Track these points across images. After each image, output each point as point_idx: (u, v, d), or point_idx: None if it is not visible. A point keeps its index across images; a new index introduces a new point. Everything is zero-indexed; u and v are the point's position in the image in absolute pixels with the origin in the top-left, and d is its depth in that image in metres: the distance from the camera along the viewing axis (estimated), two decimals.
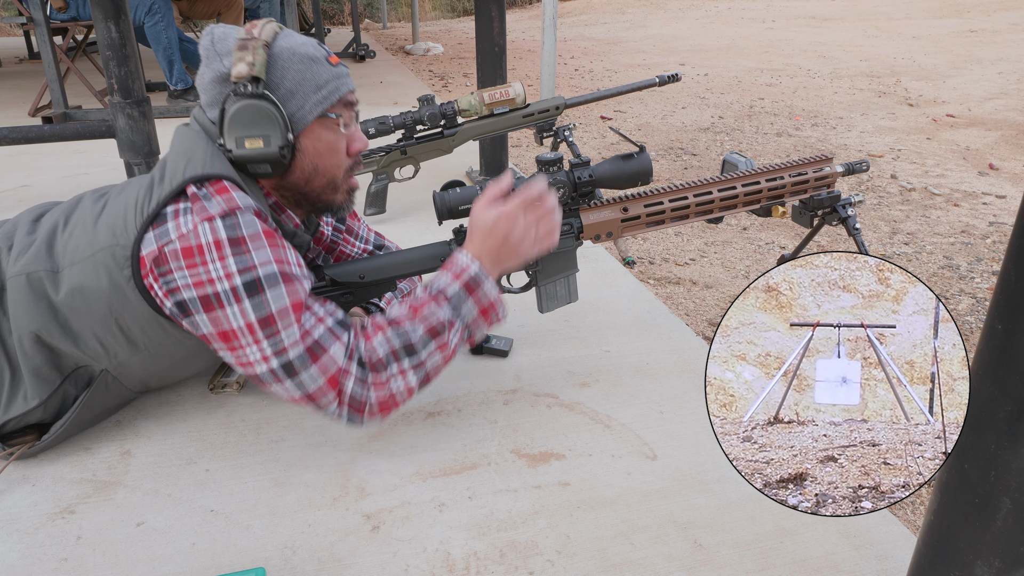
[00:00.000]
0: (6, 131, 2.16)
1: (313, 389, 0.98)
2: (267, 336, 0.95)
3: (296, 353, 0.96)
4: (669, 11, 10.66)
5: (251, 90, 0.98)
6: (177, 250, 0.94)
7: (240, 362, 0.98)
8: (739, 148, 3.65)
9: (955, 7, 9.21)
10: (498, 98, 1.93)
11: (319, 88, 1.04)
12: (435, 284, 1.06)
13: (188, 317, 0.97)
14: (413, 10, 7.66)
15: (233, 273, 0.94)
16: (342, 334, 1.00)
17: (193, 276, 0.94)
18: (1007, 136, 3.89)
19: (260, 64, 0.98)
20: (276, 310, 0.95)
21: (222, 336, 0.97)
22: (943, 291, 2.15)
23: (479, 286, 1.06)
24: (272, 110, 0.99)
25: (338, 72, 1.07)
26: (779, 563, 0.91)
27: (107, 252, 0.98)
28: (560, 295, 1.28)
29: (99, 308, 1.00)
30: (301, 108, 1.03)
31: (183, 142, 1.03)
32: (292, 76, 1.02)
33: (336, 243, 1.36)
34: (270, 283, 0.95)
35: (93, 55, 4.89)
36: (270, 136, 1.00)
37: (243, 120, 0.99)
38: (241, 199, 0.97)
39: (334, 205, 1.14)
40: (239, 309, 0.94)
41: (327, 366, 0.97)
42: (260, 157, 1.01)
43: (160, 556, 0.92)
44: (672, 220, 1.23)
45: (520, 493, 1.03)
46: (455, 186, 1.17)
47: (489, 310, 1.08)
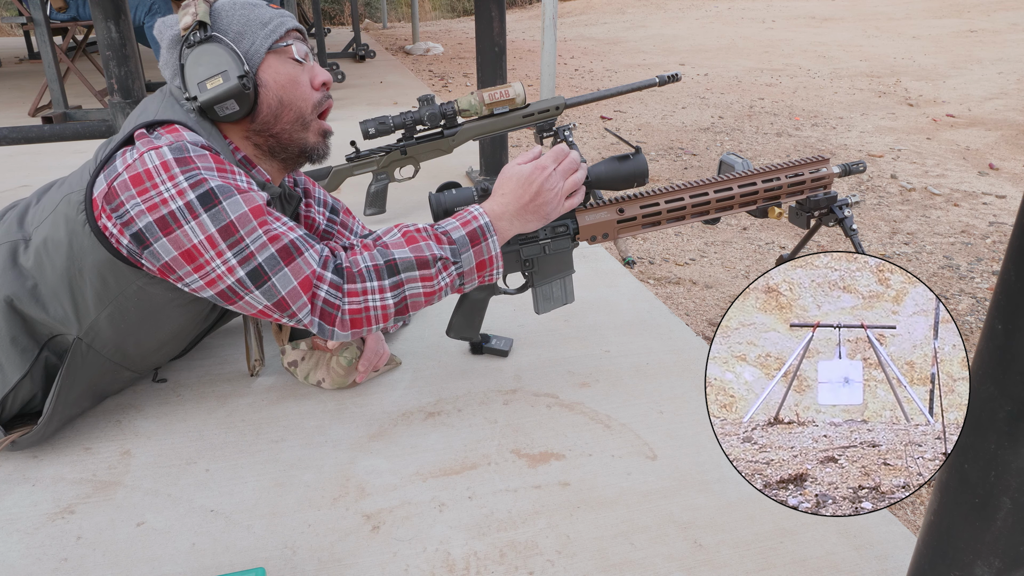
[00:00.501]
0: (6, 131, 2.16)
1: (284, 292, 0.97)
2: (231, 246, 0.95)
3: (265, 256, 0.96)
4: (669, 11, 10.66)
5: (200, 36, 1.03)
6: (126, 180, 0.94)
7: (207, 281, 0.97)
8: (739, 148, 3.65)
9: (955, 7, 9.21)
10: (498, 98, 1.93)
11: (265, 24, 1.08)
12: (441, 225, 1.08)
13: (147, 248, 0.96)
14: (413, 10, 7.66)
15: (185, 189, 0.93)
16: (314, 242, 1.01)
17: (145, 201, 0.94)
18: (1007, 136, 3.89)
19: (203, 11, 1.03)
20: (235, 216, 0.95)
21: (185, 256, 0.95)
22: (943, 291, 2.15)
23: (484, 238, 1.07)
24: (224, 47, 1.03)
25: (280, 12, 1.11)
26: (779, 563, 0.91)
27: (64, 202, 1.00)
28: (556, 296, 1.28)
29: (61, 262, 1.01)
30: (252, 44, 1.07)
31: (141, 103, 1.08)
32: (237, 19, 1.07)
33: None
34: (224, 193, 0.95)
35: (93, 55, 4.89)
36: (228, 71, 1.03)
37: (200, 64, 1.02)
38: (191, 137, 0.99)
39: (307, 146, 1.15)
40: (196, 224, 0.94)
41: (300, 268, 0.98)
42: (224, 93, 1.03)
43: (160, 556, 0.92)
44: (668, 221, 1.23)
45: (520, 493, 1.03)
46: (451, 188, 1.17)
47: (486, 264, 1.08)
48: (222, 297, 0.99)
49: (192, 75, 1.02)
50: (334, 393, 1.26)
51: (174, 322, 1.15)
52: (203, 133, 1.02)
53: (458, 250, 1.05)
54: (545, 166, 1.11)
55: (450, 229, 1.06)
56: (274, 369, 1.33)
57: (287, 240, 0.98)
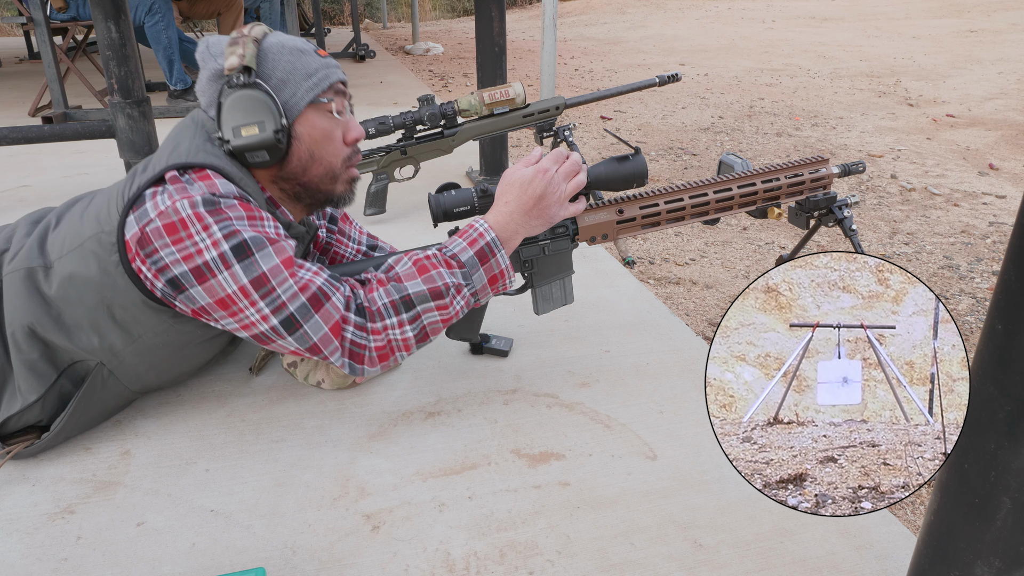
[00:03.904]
0: (6, 131, 2.16)
1: (316, 339, 1.00)
2: (263, 296, 0.97)
3: (296, 305, 0.98)
4: (669, 11, 10.66)
5: (243, 80, 1.01)
6: (159, 227, 0.95)
7: (242, 325, 1.00)
8: (739, 148, 3.65)
9: (955, 7, 9.21)
10: (498, 98, 1.93)
11: (309, 76, 1.07)
12: (448, 248, 1.08)
13: (182, 293, 0.98)
14: (413, 10, 7.66)
15: (219, 240, 0.95)
16: (340, 285, 1.03)
17: (180, 250, 0.95)
18: (1007, 136, 3.89)
19: (250, 55, 1.02)
20: (267, 268, 0.97)
21: (220, 304, 0.97)
22: (943, 291, 2.15)
23: (493, 254, 1.09)
24: (264, 97, 1.02)
25: (327, 62, 1.10)
26: (779, 563, 0.91)
27: (94, 240, 1.00)
28: (556, 297, 1.28)
29: (91, 297, 1.01)
30: (293, 95, 1.06)
31: (173, 134, 1.06)
32: (283, 66, 1.05)
33: (330, 244, 1.37)
34: (256, 245, 0.97)
35: (93, 55, 4.89)
36: (264, 122, 1.02)
37: (238, 109, 1.02)
38: (223, 186, 0.99)
39: (334, 196, 1.16)
40: (230, 274, 0.95)
41: (330, 314, 1.00)
42: (257, 144, 1.03)
43: (160, 556, 0.92)
44: (668, 222, 1.23)
45: (520, 493, 1.03)
46: (450, 188, 1.17)
47: (498, 277, 1.11)
48: (256, 339, 1.02)
49: (228, 118, 1.02)
50: (334, 393, 1.26)
51: (198, 357, 1.17)
52: (233, 175, 1.02)
53: (469, 272, 1.07)
54: (547, 169, 1.12)
55: (458, 251, 1.07)
56: (274, 369, 1.34)
57: (315, 288, 1.00)
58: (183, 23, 4.35)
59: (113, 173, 2.50)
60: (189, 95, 3.92)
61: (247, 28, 1.05)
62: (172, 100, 3.93)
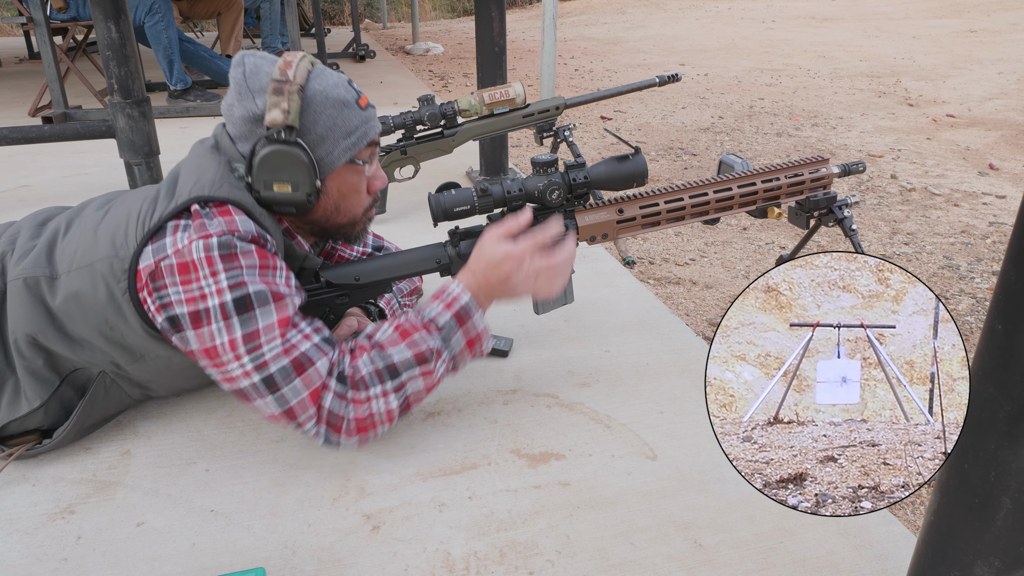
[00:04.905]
0: (6, 131, 2.16)
1: (294, 403, 0.97)
2: (249, 351, 0.95)
3: (278, 366, 0.96)
4: (669, 11, 10.66)
5: (284, 137, 0.99)
6: (173, 265, 0.94)
7: (226, 377, 0.98)
8: (739, 148, 3.65)
9: (955, 7, 9.21)
10: (498, 98, 1.93)
11: (349, 134, 1.06)
12: (426, 312, 1.07)
13: (178, 332, 0.97)
14: (413, 10, 7.66)
15: (224, 289, 0.94)
16: (328, 350, 1.01)
17: (186, 291, 0.94)
18: (1007, 136, 3.89)
19: (295, 112, 0.99)
20: (262, 326, 0.96)
21: (207, 353, 0.96)
22: (943, 291, 2.15)
23: (469, 317, 1.07)
24: (304, 158, 1.01)
25: (367, 116, 1.08)
26: (779, 563, 0.91)
27: (106, 263, 0.98)
28: (556, 297, 1.28)
29: (95, 317, 1.00)
30: (330, 154, 1.05)
31: (197, 160, 1.04)
32: (324, 121, 1.03)
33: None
34: (260, 300, 0.96)
35: (93, 55, 4.89)
36: (299, 183, 1.02)
37: (274, 165, 1.00)
38: (243, 224, 0.98)
39: (351, 235, 1.18)
40: (225, 325, 0.94)
41: (311, 379, 0.97)
42: (287, 201, 1.03)
43: (160, 556, 0.92)
44: (668, 222, 1.23)
45: (520, 493, 1.03)
46: (450, 188, 1.17)
47: (475, 341, 1.09)
48: (238, 395, 1.00)
49: (262, 170, 1.01)
50: None
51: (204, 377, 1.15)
52: (254, 211, 1.02)
53: (448, 335, 1.06)
54: (520, 257, 1.09)
55: (436, 316, 1.06)
56: None
57: (301, 351, 0.97)
58: (183, 23, 4.35)
59: (113, 173, 2.50)
60: (189, 95, 3.92)
61: (292, 67, 1.00)
62: (172, 100, 3.93)
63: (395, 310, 1.42)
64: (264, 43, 5.25)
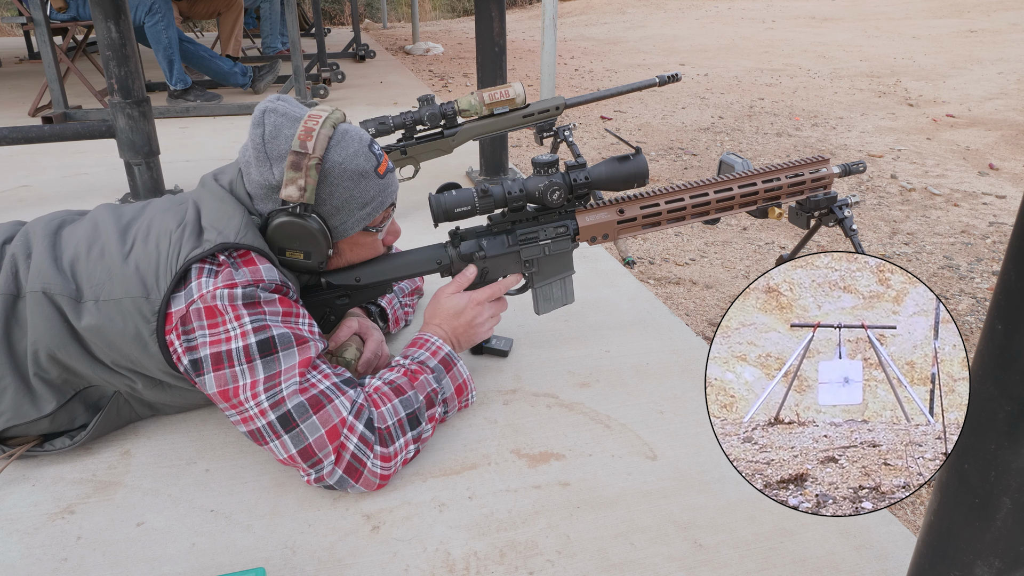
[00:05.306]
0: (6, 131, 2.16)
1: (311, 440, 0.96)
2: (267, 390, 0.96)
3: (294, 403, 0.96)
4: (669, 11, 10.66)
5: (299, 211, 1.03)
6: (200, 309, 0.95)
7: (243, 418, 0.98)
8: (739, 148, 3.65)
9: (955, 7, 9.21)
10: (498, 98, 1.93)
11: (364, 205, 1.09)
12: (415, 356, 1.11)
13: (199, 376, 0.98)
14: (413, 10, 7.66)
15: (248, 332, 0.95)
16: (349, 390, 1.01)
17: (212, 335, 0.96)
18: (1007, 136, 3.89)
19: (311, 189, 1.02)
20: (284, 368, 0.97)
21: (224, 395, 0.97)
22: (943, 291, 2.15)
23: (454, 364, 1.14)
24: (318, 232, 1.05)
25: (384, 184, 1.11)
26: (779, 563, 0.91)
27: (134, 302, 0.99)
28: (556, 297, 1.28)
29: (119, 349, 1.01)
30: (344, 223, 1.09)
31: (219, 204, 1.04)
32: (340, 193, 1.06)
33: None
34: (283, 343, 0.97)
35: (93, 55, 4.89)
36: (312, 252, 1.07)
37: (287, 234, 1.04)
38: (267, 272, 1.00)
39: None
40: (248, 368, 0.95)
41: (329, 416, 0.97)
42: (299, 266, 1.09)
43: (160, 556, 0.92)
44: (668, 222, 1.23)
45: (520, 493, 1.03)
46: (451, 188, 1.17)
47: (463, 388, 1.15)
48: (253, 437, 0.99)
49: (277, 237, 1.04)
50: None
51: None
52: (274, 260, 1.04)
53: (439, 377, 1.10)
54: (481, 302, 1.20)
55: (425, 359, 1.11)
56: None
57: (321, 387, 0.98)
58: (183, 23, 4.35)
59: (113, 173, 2.50)
60: (189, 95, 3.92)
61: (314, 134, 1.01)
62: (172, 100, 3.93)
63: (396, 310, 1.42)
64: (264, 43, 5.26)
